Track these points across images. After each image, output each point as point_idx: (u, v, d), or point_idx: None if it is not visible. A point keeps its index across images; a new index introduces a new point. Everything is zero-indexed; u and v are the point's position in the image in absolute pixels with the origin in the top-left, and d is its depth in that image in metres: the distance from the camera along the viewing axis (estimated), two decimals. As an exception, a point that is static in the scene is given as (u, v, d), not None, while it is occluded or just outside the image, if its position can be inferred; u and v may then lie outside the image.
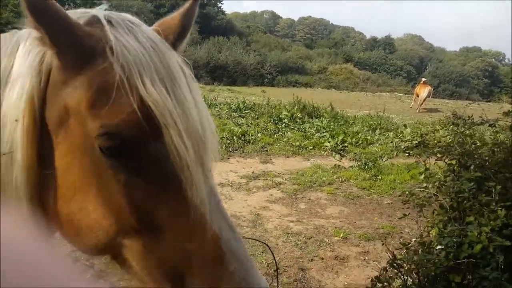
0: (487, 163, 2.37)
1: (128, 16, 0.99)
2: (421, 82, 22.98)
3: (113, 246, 0.91)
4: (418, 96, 22.34)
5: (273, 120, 12.45)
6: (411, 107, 23.17)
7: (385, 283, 2.34)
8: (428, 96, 21.92)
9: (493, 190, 2.21)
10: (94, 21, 0.92)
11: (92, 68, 0.85)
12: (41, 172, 0.91)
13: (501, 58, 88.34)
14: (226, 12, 55.01)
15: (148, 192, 0.86)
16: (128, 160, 0.84)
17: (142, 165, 0.85)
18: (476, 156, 2.45)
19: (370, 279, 2.50)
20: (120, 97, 0.82)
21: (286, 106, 14.64)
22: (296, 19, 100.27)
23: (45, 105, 0.90)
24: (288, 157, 9.24)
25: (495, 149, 2.53)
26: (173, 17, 1.15)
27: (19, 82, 0.89)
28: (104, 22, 0.90)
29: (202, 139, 0.88)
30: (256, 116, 12.97)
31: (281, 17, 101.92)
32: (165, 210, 0.86)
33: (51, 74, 0.90)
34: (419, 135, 8.94)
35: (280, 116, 12.95)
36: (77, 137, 0.87)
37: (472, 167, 2.44)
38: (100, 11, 0.95)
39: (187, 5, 1.14)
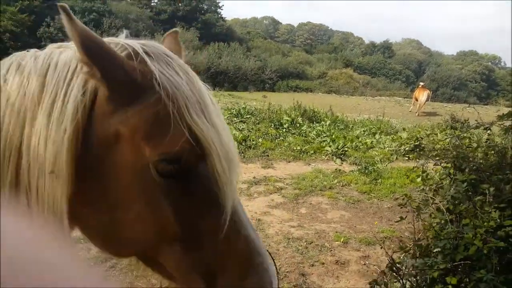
0: (481, 166, 2.42)
1: (161, 47, 1.07)
2: (420, 86, 23.15)
3: (149, 252, 1.04)
4: (417, 100, 22.42)
5: (274, 125, 12.50)
6: (410, 111, 23.24)
7: (383, 286, 2.37)
8: (427, 100, 22.04)
9: (487, 192, 2.25)
10: (134, 54, 0.98)
11: (141, 101, 0.95)
12: (79, 186, 0.98)
13: (497, 61, 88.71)
14: (226, 19, 55.26)
15: (192, 205, 0.99)
16: (180, 180, 0.97)
17: (190, 183, 0.98)
18: (471, 159, 2.49)
19: (368, 282, 2.53)
20: (172, 127, 0.93)
21: (287, 111, 14.70)
22: (295, 24, 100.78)
23: (90, 128, 0.98)
24: (289, 161, 9.28)
25: (489, 152, 2.58)
26: (176, 43, 1.30)
27: (64, 106, 0.96)
28: (145, 57, 0.98)
29: (233, 160, 1.03)
30: (257, 121, 13.03)
31: (281, 23, 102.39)
32: (205, 219, 1.00)
33: (97, 101, 0.98)
34: (415, 138, 8.97)
35: (281, 121, 13.01)
36: (128, 159, 0.96)
37: (467, 170, 2.48)
38: (136, 44, 1.02)
39: (175, 33, 1.33)
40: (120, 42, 1.03)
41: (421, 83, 23.86)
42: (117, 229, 1.00)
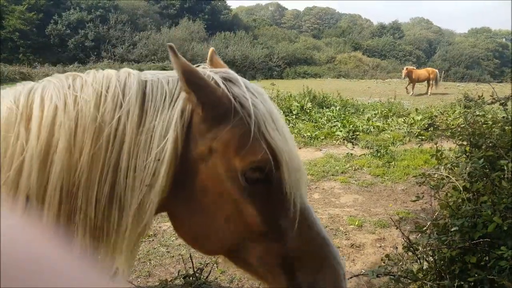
0: (498, 142, 2.35)
1: (235, 74, 1.22)
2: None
3: (236, 249, 1.19)
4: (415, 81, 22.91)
5: (284, 112, 12.43)
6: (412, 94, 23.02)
7: (397, 261, 2.35)
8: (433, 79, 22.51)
9: (505, 168, 2.19)
10: (220, 82, 1.15)
11: (229, 121, 1.11)
12: (169, 194, 1.14)
13: (511, 37, 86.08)
14: (231, 7, 54.81)
15: (271, 205, 1.15)
16: (261, 185, 1.13)
17: (269, 187, 1.14)
18: (487, 136, 2.42)
19: (381, 258, 2.51)
20: (255, 142, 1.10)
21: (296, 98, 14.59)
22: (301, 9, 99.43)
23: (186, 145, 1.14)
24: (300, 148, 9.24)
25: (506, 128, 2.51)
26: (216, 63, 1.49)
27: (166, 128, 1.11)
28: (228, 83, 1.16)
29: (300, 169, 1.18)
30: (266, 109, 12.96)
31: (286, 9, 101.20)
32: (282, 218, 1.15)
33: (192, 121, 1.13)
34: (429, 117, 8.82)
35: (291, 108, 12.93)
36: (220, 170, 1.12)
37: (483, 147, 2.42)
38: (218, 73, 1.19)
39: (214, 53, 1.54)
40: (206, 72, 1.18)
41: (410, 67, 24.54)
42: (209, 230, 1.16)
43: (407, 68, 23.40)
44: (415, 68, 24.36)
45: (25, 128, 1.04)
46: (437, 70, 23.72)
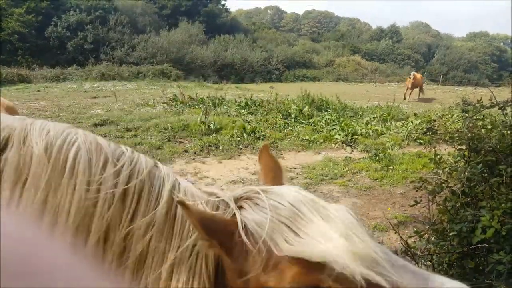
0: (497, 147, 2.35)
1: (255, 189, 1.14)
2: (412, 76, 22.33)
3: None
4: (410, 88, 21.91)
5: (282, 116, 12.44)
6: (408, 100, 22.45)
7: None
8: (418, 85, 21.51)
9: (504, 173, 2.19)
10: (234, 209, 1.10)
11: (250, 256, 1.03)
12: None
13: (509, 41, 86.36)
14: (230, 10, 54.93)
15: None
16: None
17: None
18: (486, 140, 2.42)
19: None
20: (279, 265, 0.99)
21: (295, 101, 14.61)
22: (301, 13, 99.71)
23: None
24: (298, 151, 9.24)
25: (505, 132, 2.51)
26: (269, 156, 1.44)
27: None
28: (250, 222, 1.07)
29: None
30: (265, 113, 12.98)
31: (285, 12, 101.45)
32: None
33: (223, 265, 1.10)
34: (427, 121, 8.84)
35: (289, 111, 12.94)
36: None
37: (482, 151, 2.42)
38: (231, 201, 1.13)
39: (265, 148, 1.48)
40: (213, 192, 1.18)
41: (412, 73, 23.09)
42: None
43: (414, 75, 21.90)
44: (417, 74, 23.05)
45: None
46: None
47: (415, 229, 2.75)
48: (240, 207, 1.11)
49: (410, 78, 21.53)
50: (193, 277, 1.09)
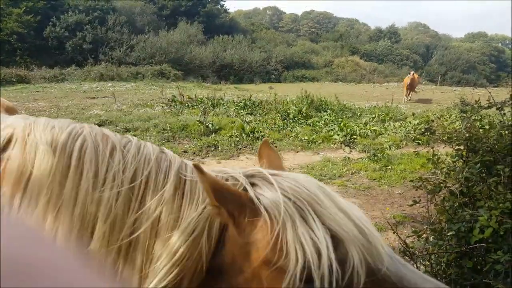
0: (495, 147, 2.36)
1: (265, 172, 1.14)
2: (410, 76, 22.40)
3: None
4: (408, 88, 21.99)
5: (281, 116, 12.45)
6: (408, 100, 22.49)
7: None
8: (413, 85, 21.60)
9: (502, 173, 2.20)
10: (245, 184, 1.12)
11: (259, 229, 1.04)
12: None
13: (507, 42, 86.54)
14: (229, 10, 54.94)
15: None
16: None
17: None
18: (484, 140, 2.43)
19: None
20: (289, 247, 0.98)
21: (294, 101, 14.62)
22: (299, 13, 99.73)
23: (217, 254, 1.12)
24: (297, 152, 9.25)
25: (503, 132, 2.52)
26: (270, 149, 1.46)
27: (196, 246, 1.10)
28: (259, 190, 1.08)
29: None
30: (264, 113, 12.99)
31: (284, 13, 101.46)
32: None
33: (228, 233, 1.11)
34: (425, 121, 8.87)
35: (288, 111, 12.95)
36: (255, 273, 1.04)
37: (480, 152, 2.43)
38: (240, 177, 1.15)
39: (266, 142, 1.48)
40: (224, 171, 1.20)
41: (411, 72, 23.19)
42: None
43: (413, 74, 22.00)
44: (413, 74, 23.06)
45: None
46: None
47: (414, 229, 2.76)
48: (252, 184, 1.12)
49: (409, 76, 21.84)
50: (195, 243, 1.09)
